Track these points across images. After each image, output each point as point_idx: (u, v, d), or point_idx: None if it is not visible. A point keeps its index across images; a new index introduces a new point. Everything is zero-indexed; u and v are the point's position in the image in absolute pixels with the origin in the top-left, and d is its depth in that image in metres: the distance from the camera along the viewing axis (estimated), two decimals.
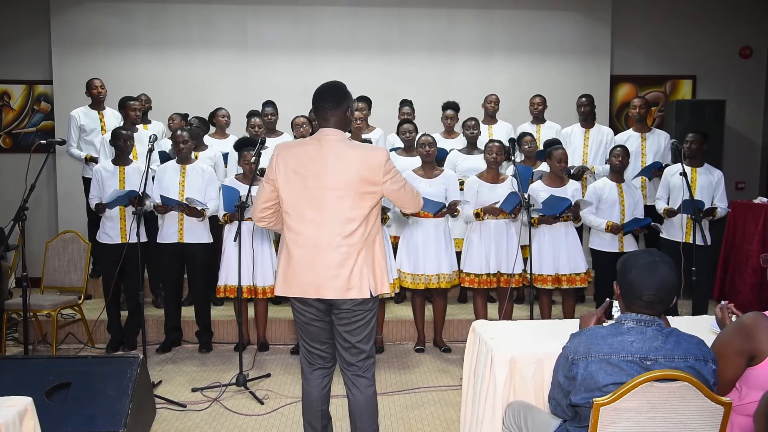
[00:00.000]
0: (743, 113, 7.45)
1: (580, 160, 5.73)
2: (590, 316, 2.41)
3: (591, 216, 4.77)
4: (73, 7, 6.72)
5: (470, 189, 4.69)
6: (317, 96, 2.80)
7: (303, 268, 2.67)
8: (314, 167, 2.66)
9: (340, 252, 2.65)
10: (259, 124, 5.46)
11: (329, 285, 2.65)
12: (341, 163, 2.66)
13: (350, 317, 2.71)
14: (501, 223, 4.63)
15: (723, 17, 7.38)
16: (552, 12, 6.99)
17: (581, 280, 4.68)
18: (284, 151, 2.74)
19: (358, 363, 2.78)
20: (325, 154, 2.67)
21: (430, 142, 4.69)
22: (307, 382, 2.87)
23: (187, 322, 5.12)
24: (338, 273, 2.65)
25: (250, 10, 6.87)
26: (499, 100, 6.01)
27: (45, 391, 3.01)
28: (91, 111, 5.72)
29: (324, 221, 2.66)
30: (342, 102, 2.77)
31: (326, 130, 2.74)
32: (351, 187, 2.65)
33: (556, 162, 4.64)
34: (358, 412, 2.80)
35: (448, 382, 4.33)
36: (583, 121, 5.83)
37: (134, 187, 4.65)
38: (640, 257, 2.07)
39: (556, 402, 2.12)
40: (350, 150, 2.71)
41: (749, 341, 2.04)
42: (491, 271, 4.64)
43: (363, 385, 2.79)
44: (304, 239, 2.68)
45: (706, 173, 4.95)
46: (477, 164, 5.11)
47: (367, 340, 2.77)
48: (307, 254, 2.67)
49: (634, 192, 4.87)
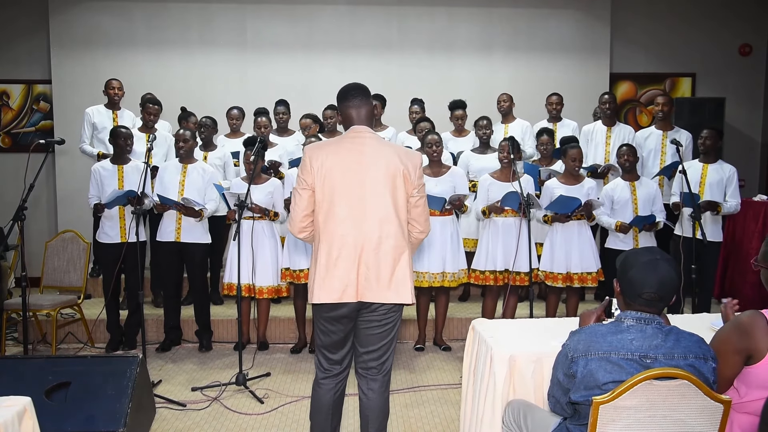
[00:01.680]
0: (743, 111, 7.45)
1: (602, 158, 5.64)
2: (590, 314, 2.41)
3: (604, 216, 4.75)
4: (72, 7, 6.71)
5: (482, 187, 4.70)
6: (345, 93, 2.73)
7: (344, 271, 2.57)
8: (353, 166, 2.60)
9: (383, 254, 2.58)
10: (265, 124, 5.45)
11: (371, 288, 2.58)
12: (380, 160, 2.61)
13: (381, 320, 2.65)
14: (510, 221, 4.62)
15: (722, 15, 7.38)
16: (551, 10, 6.99)
17: (592, 279, 4.67)
18: (318, 150, 2.65)
19: (378, 366, 2.72)
20: (363, 151, 2.62)
21: (436, 141, 4.68)
22: (320, 386, 2.77)
23: (186, 321, 5.11)
24: (380, 276, 2.58)
25: (249, 10, 6.87)
26: (511, 98, 5.95)
27: (45, 391, 3.01)
28: (106, 110, 5.72)
29: (366, 221, 2.58)
30: (369, 96, 2.74)
31: (358, 127, 2.69)
32: (390, 184, 2.60)
33: (571, 160, 4.63)
34: (371, 415, 2.74)
35: (448, 380, 4.33)
36: (606, 119, 5.73)
37: (133, 185, 4.64)
38: (641, 255, 2.07)
39: (555, 399, 2.12)
40: (387, 147, 2.68)
41: (746, 340, 2.03)
42: (498, 269, 4.63)
43: (379, 389, 2.74)
44: (345, 240, 2.58)
45: (718, 169, 4.92)
46: (490, 164, 5.07)
47: (391, 342, 2.72)
48: (348, 256, 2.57)
49: (649, 189, 4.79)
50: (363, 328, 2.68)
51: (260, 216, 4.67)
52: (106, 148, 5.58)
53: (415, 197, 2.67)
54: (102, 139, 5.65)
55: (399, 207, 2.63)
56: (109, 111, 5.70)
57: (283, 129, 5.71)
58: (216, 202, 4.80)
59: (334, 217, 2.59)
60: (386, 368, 2.75)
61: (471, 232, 5.31)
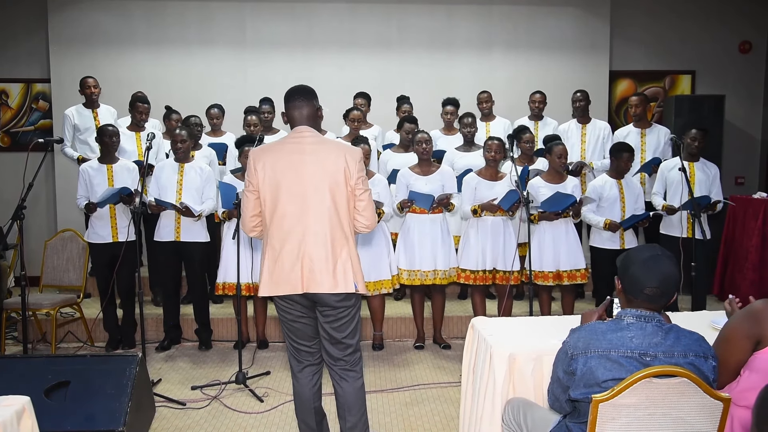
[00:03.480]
0: (743, 108, 7.44)
1: (578, 156, 5.70)
2: (591, 314, 2.41)
3: (590, 214, 4.75)
4: (71, 6, 6.70)
5: (468, 186, 4.67)
6: (289, 95, 2.82)
7: (289, 264, 2.69)
8: (294, 164, 2.70)
9: (325, 246, 2.68)
10: (255, 122, 5.46)
11: (315, 279, 2.67)
12: (320, 157, 2.71)
13: (336, 314, 2.74)
14: (498, 220, 4.62)
15: (722, 12, 7.37)
16: (551, 8, 6.98)
17: (581, 276, 4.68)
18: (261, 153, 2.77)
19: (346, 357, 2.81)
20: (303, 150, 2.72)
21: (426, 140, 4.69)
22: (298, 380, 2.90)
23: (186, 320, 5.12)
24: (323, 267, 2.68)
25: (248, 8, 6.86)
26: (490, 97, 5.96)
27: (44, 390, 3.01)
28: (85, 110, 5.69)
29: (308, 216, 2.69)
30: (313, 99, 2.83)
31: (300, 127, 2.80)
32: (330, 181, 2.69)
33: (556, 158, 4.62)
34: (347, 405, 2.83)
35: (448, 379, 4.33)
36: (579, 117, 5.82)
37: (122, 184, 4.63)
38: (642, 252, 2.08)
39: (555, 397, 2.12)
40: (327, 145, 2.79)
41: (757, 326, 2.08)
42: (487, 268, 4.63)
43: (352, 378, 2.83)
44: (289, 236, 2.69)
45: (703, 168, 4.96)
46: (474, 161, 5.11)
47: (353, 334, 2.81)
48: (292, 250, 2.69)
49: (634, 188, 4.85)
50: (323, 323, 2.77)
51: None
52: (89, 148, 5.57)
53: (360, 190, 2.75)
54: (84, 140, 5.64)
55: (339, 202, 2.72)
56: (88, 110, 5.68)
57: (268, 128, 5.69)
58: (214, 200, 4.79)
59: (278, 214, 2.71)
60: (354, 359, 2.83)
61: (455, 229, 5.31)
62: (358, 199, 2.77)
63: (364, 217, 2.80)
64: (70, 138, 5.66)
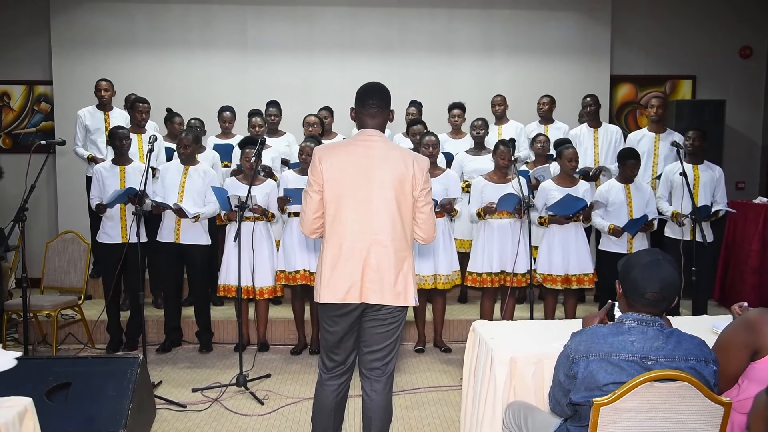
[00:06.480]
0: (743, 113, 7.45)
1: (591, 160, 5.64)
2: (593, 318, 2.40)
3: (597, 218, 4.75)
4: (73, 8, 6.72)
5: (476, 189, 4.68)
6: (365, 94, 2.72)
7: (349, 272, 2.60)
8: (363, 168, 2.61)
9: (388, 256, 2.60)
10: (260, 124, 5.48)
11: (375, 290, 2.60)
12: (389, 164, 2.62)
13: (385, 319, 2.67)
14: (505, 223, 4.62)
15: (723, 17, 7.38)
16: (552, 12, 6.99)
17: (589, 280, 4.67)
18: (327, 152, 2.67)
19: (382, 367, 2.73)
20: (374, 155, 2.63)
21: (434, 143, 4.69)
22: (323, 387, 2.78)
23: (187, 323, 5.12)
24: (385, 278, 2.60)
25: (250, 11, 6.87)
26: (504, 100, 5.97)
27: (45, 392, 3.00)
28: (97, 111, 5.70)
29: (372, 223, 2.60)
30: (388, 104, 2.74)
31: (369, 130, 2.70)
32: (397, 188, 2.61)
33: (567, 161, 4.62)
34: (374, 416, 2.74)
35: (449, 382, 4.33)
36: (590, 121, 5.77)
37: (135, 185, 4.65)
38: (643, 256, 2.08)
39: (556, 400, 2.13)
40: (397, 152, 2.69)
41: (754, 336, 2.07)
42: (494, 271, 4.63)
43: (382, 391, 2.74)
44: (350, 242, 2.61)
45: (707, 170, 4.96)
46: (484, 165, 5.08)
47: (395, 344, 2.73)
48: (353, 257, 2.60)
49: (643, 192, 4.78)
50: (368, 328, 2.69)
51: (259, 217, 4.68)
52: (98, 149, 5.58)
53: (422, 202, 2.68)
54: (94, 141, 5.64)
55: (404, 211, 2.64)
56: (101, 112, 5.68)
57: (274, 130, 5.70)
58: (215, 204, 4.80)
59: (341, 218, 2.62)
60: (389, 369, 2.76)
61: (465, 233, 5.31)
62: (419, 211, 2.68)
63: (423, 231, 2.71)
64: (81, 138, 5.66)
